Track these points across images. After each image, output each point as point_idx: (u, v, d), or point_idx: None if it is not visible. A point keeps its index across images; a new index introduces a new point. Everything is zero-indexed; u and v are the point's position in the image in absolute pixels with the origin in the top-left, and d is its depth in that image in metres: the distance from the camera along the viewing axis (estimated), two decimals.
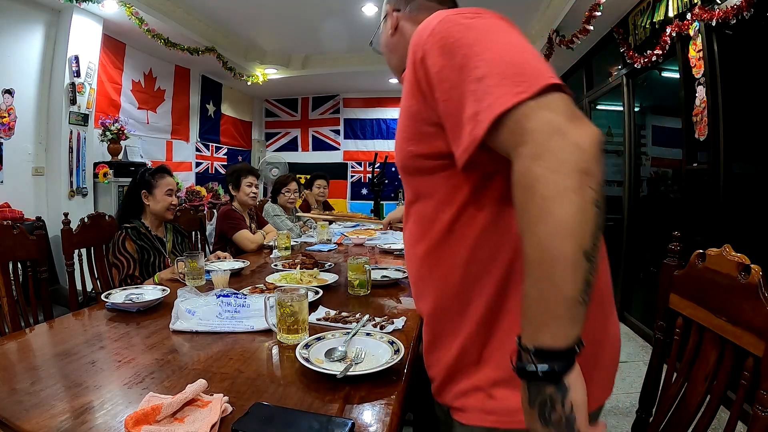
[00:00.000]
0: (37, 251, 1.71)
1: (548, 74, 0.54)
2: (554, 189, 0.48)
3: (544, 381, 0.51)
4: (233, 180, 2.72)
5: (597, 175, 0.50)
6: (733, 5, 2.13)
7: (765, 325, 0.74)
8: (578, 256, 0.48)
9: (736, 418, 0.82)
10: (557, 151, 0.49)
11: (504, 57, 0.56)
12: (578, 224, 0.48)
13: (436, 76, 0.62)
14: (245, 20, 4.62)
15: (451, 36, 0.61)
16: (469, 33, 0.60)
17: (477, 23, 0.61)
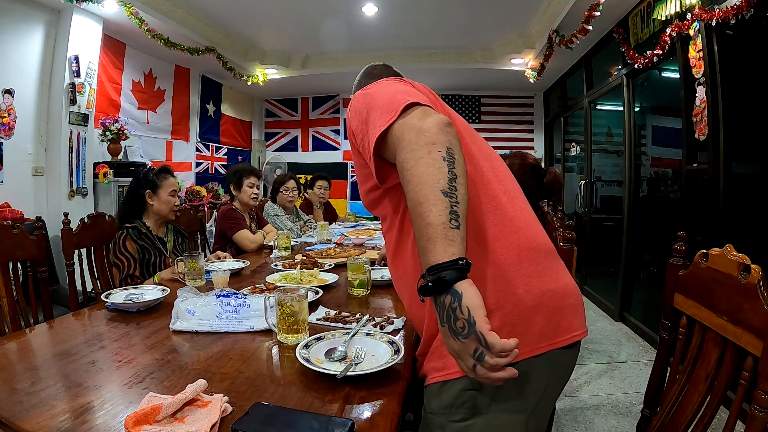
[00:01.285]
0: (37, 251, 1.71)
1: (408, 99, 0.75)
2: (412, 160, 0.69)
3: (438, 291, 0.64)
4: (235, 180, 2.71)
5: (442, 142, 0.69)
6: (733, 5, 2.13)
7: (763, 325, 0.74)
8: (437, 194, 0.65)
9: (736, 417, 0.82)
10: (410, 140, 0.70)
11: (382, 100, 0.79)
12: (431, 174, 0.66)
13: (357, 133, 0.86)
14: (245, 20, 4.62)
15: (359, 103, 0.87)
16: (366, 97, 0.85)
17: (371, 89, 0.87)
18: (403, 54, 5.56)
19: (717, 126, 2.39)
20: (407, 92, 0.79)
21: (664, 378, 1.08)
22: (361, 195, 0.98)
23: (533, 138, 6.78)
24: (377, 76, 1.13)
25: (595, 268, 4.46)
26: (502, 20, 4.55)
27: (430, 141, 0.68)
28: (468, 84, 6.32)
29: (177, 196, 2.03)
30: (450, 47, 5.41)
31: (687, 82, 2.63)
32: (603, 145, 4.47)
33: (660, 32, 2.88)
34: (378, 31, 4.81)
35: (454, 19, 4.51)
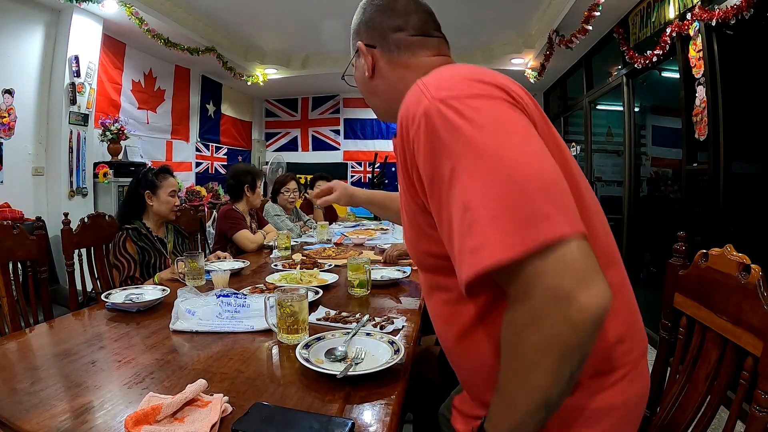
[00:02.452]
0: (37, 251, 1.71)
1: (551, 218, 0.47)
2: (536, 358, 0.49)
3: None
4: (249, 182, 2.71)
5: (585, 347, 0.48)
6: (733, 5, 2.13)
7: (763, 325, 0.74)
8: (538, 404, 0.51)
9: (735, 417, 0.82)
10: (552, 324, 0.47)
11: (494, 187, 0.49)
12: (546, 390, 0.50)
13: (427, 184, 0.58)
14: (245, 20, 4.62)
15: (439, 137, 0.54)
16: (458, 140, 0.52)
17: (466, 128, 0.52)
18: None
19: (717, 126, 2.39)
20: (541, 181, 0.49)
21: (664, 378, 1.08)
22: (414, 251, 0.74)
23: None
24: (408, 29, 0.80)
25: None
26: (502, 20, 4.55)
27: (574, 345, 0.47)
28: None
29: (177, 196, 2.02)
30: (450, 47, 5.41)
31: (687, 82, 2.63)
32: (603, 145, 4.48)
33: (660, 32, 2.88)
34: None
35: (454, 19, 4.51)
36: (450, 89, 0.57)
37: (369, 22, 0.83)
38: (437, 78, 0.61)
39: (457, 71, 0.63)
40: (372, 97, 0.89)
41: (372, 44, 0.83)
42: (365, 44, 0.83)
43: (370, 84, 0.85)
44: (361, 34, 0.85)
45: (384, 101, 0.86)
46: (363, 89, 0.90)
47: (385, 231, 3.18)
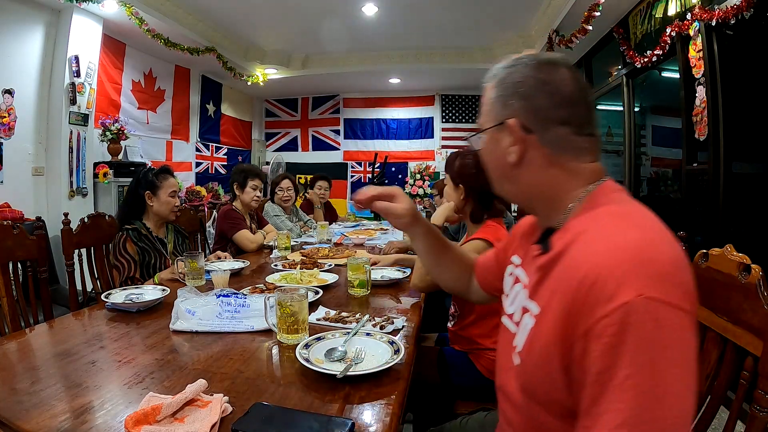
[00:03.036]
0: (37, 251, 1.71)
1: None
2: None
3: None
4: (240, 180, 2.71)
5: None
6: (733, 5, 2.13)
7: (763, 325, 0.74)
8: None
9: (736, 417, 0.82)
10: None
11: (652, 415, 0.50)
12: None
13: (591, 368, 0.53)
14: (245, 20, 4.62)
15: (628, 340, 0.50)
16: (645, 353, 0.50)
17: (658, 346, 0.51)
18: (403, 54, 5.56)
19: (717, 126, 2.39)
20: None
21: None
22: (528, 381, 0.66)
23: None
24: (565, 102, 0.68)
25: None
26: (502, 20, 4.55)
27: None
28: (468, 84, 6.32)
29: (177, 196, 2.02)
30: (450, 47, 5.41)
31: (687, 82, 2.63)
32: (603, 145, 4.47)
33: (660, 32, 2.88)
34: (378, 31, 4.81)
35: (454, 19, 4.51)
36: (663, 287, 0.52)
37: (530, 100, 0.68)
38: (646, 252, 0.54)
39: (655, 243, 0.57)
40: (506, 182, 0.75)
41: (528, 127, 0.68)
42: (519, 123, 0.68)
43: (510, 170, 0.72)
44: (515, 109, 0.69)
45: (521, 194, 0.74)
46: (496, 170, 0.75)
47: (385, 231, 3.19)
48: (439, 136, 6.97)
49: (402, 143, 7.07)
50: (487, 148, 0.75)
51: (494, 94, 0.72)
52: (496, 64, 0.75)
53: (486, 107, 0.74)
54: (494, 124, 0.71)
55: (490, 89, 0.73)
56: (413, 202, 1.27)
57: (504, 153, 0.70)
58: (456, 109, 6.93)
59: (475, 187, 1.52)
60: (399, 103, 7.04)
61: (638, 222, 0.60)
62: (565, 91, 0.68)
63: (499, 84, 0.72)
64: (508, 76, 0.71)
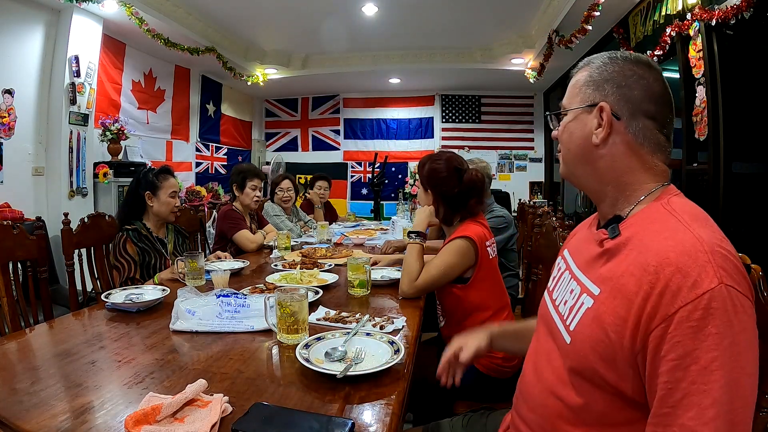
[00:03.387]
0: (37, 251, 1.71)
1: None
2: None
3: None
4: (238, 181, 2.70)
5: None
6: (733, 5, 2.13)
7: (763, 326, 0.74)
8: None
9: None
10: None
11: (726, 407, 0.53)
12: None
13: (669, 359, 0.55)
14: (245, 20, 4.62)
15: (711, 324, 0.53)
16: (723, 341, 0.53)
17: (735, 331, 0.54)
18: (403, 54, 5.56)
19: (717, 126, 2.39)
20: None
21: None
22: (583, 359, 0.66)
23: (533, 138, 6.78)
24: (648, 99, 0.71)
25: None
26: (502, 20, 4.55)
27: None
28: (468, 84, 6.32)
29: (177, 197, 2.01)
30: (450, 47, 5.41)
31: (687, 82, 2.63)
32: None
33: (660, 32, 2.88)
34: (378, 31, 4.81)
35: (454, 19, 4.51)
36: (736, 278, 0.57)
37: (624, 89, 0.72)
38: (718, 248, 0.58)
39: (723, 241, 0.61)
40: (581, 164, 0.76)
41: (617, 113, 0.71)
42: (611, 106, 0.71)
43: (591, 151, 0.74)
44: (607, 94, 0.72)
45: (594, 177, 0.75)
46: (575, 150, 0.77)
47: (385, 231, 3.19)
48: (439, 136, 6.97)
49: (402, 143, 7.07)
50: (569, 128, 0.77)
51: (587, 78, 0.76)
52: (592, 56, 0.79)
53: (574, 89, 0.78)
54: (584, 105, 0.75)
55: (583, 74, 0.77)
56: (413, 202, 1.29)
57: (589, 133, 0.74)
58: (456, 109, 6.93)
59: (444, 191, 1.52)
60: (399, 103, 7.04)
61: (708, 222, 0.65)
62: (657, 89, 0.72)
63: (595, 70, 0.76)
64: (606, 65, 0.75)
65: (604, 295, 0.65)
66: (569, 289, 0.75)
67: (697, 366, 0.53)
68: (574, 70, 0.81)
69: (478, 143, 6.83)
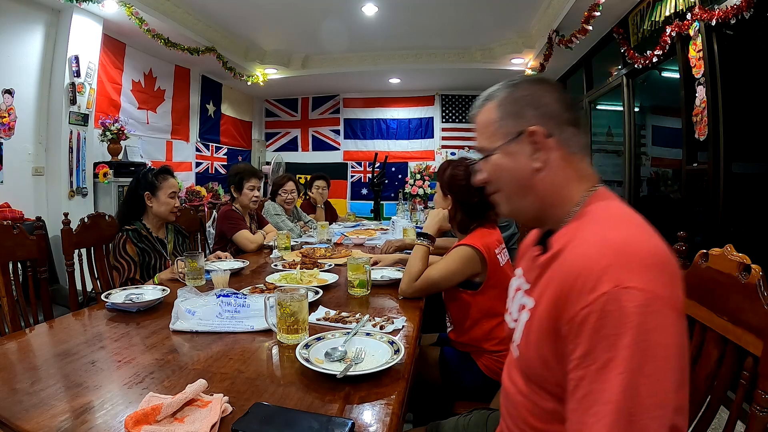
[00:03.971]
0: (37, 251, 1.71)
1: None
2: None
3: None
4: (236, 182, 2.71)
5: None
6: (733, 5, 2.13)
7: (764, 325, 0.74)
8: None
9: (736, 417, 0.82)
10: None
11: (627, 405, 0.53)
12: None
13: (574, 359, 0.58)
14: (245, 20, 4.62)
15: (606, 327, 0.55)
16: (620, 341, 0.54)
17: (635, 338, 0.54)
18: (403, 54, 5.56)
19: (717, 126, 2.39)
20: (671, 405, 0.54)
21: None
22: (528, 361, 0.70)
23: None
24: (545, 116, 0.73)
25: None
26: (502, 20, 4.55)
27: None
28: (468, 84, 6.32)
29: (177, 197, 2.01)
30: (450, 47, 5.41)
31: (687, 82, 2.63)
32: (603, 145, 4.47)
33: (660, 32, 2.87)
34: (378, 31, 4.81)
35: (454, 19, 4.51)
36: (641, 277, 0.56)
37: (543, 107, 0.73)
38: (628, 248, 0.59)
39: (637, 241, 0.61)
40: (525, 195, 0.75)
41: (550, 132, 0.71)
42: (543, 131, 0.71)
43: (533, 179, 0.73)
44: (530, 118, 0.72)
45: (538, 202, 0.74)
46: (514, 184, 0.75)
47: (385, 231, 3.19)
48: (439, 136, 6.97)
49: (402, 143, 7.07)
50: (501, 166, 0.75)
51: (500, 111, 0.75)
52: (486, 91, 0.79)
53: (491, 128, 0.76)
54: (511, 138, 0.73)
55: (492, 110, 0.76)
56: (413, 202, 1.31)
57: (527, 163, 0.73)
58: (456, 109, 6.93)
59: (463, 199, 1.52)
60: (399, 103, 7.03)
61: (625, 221, 0.66)
62: (565, 98, 0.75)
63: (503, 102, 0.75)
64: (512, 92, 0.75)
65: (535, 308, 0.69)
66: (517, 306, 0.78)
67: (595, 366, 0.55)
68: (473, 112, 0.80)
69: None
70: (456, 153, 6.70)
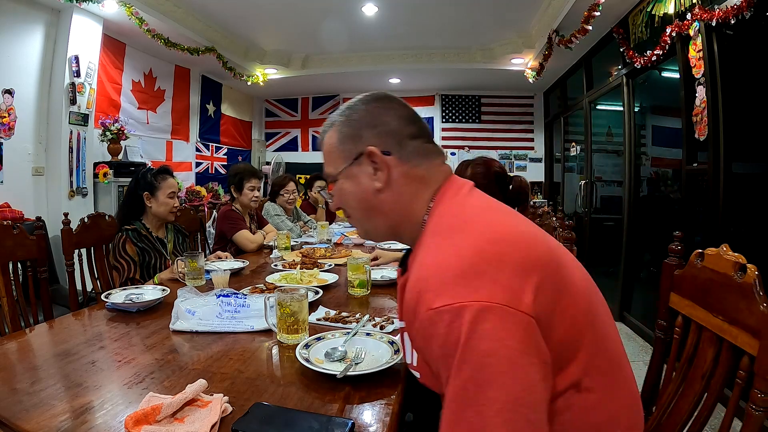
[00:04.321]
0: (37, 251, 1.71)
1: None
2: None
3: None
4: (235, 182, 2.71)
5: None
6: (733, 5, 2.13)
7: (759, 325, 0.74)
8: None
9: (732, 416, 0.82)
10: None
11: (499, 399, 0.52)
12: None
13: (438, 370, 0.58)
14: (245, 20, 4.62)
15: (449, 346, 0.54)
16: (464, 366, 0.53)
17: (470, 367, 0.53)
18: (403, 54, 5.56)
19: (717, 126, 2.39)
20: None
21: (659, 377, 1.08)
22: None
23: (533, 138, 6.78)
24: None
25: (595, 267, 4.46)
26: (502, 20, 4.55)
27: None
28: (468, 84, 6.32)
29: (176, 197, 2.00)
30: (450, 47, 5.41)
31: (687, 82, 2.63)
32: (603, 145, 4.48)
33: (660, 32, 2.87)
34: (378, 31, 4.81)
35: (454, 19, 4.51)
36: (442, 297, 0.56)
37: (380, 126, 0.73)
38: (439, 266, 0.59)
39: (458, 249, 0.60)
40: (373, 215, 0.75)
41: (386, 150, 0.71)
42: (379, 150, 0.71)
43: (375, 199, 0.73)
44: (367, 138, 0.72)
45: (388, 221, 0.75)
46: (360, 206, 0.75)
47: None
48: (439, 136, 6.96)
49: None
50: (345, 189, 0.75)
51: (338, 137, 0.75)
52: (329, 118, 0.79)
53: (332, 153, 0.76)
54: (351, 161, 0.73)
55: (332, 135, 0.76)
56: None
57: (368, 183, 0.73)
58: (456, 109, 6.93)
59: None
60: None
61: (446, 236, 0.65)
62: (406, 112, 0.76)
63: (341, 126, 0.75)
64: (349, 116, 0.75)
65: (407, 329, 0.69)
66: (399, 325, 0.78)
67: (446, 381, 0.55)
68: (319, 140, 0.81)
69: (478, 143, 6.83)
70: (456, 153, 6.70)
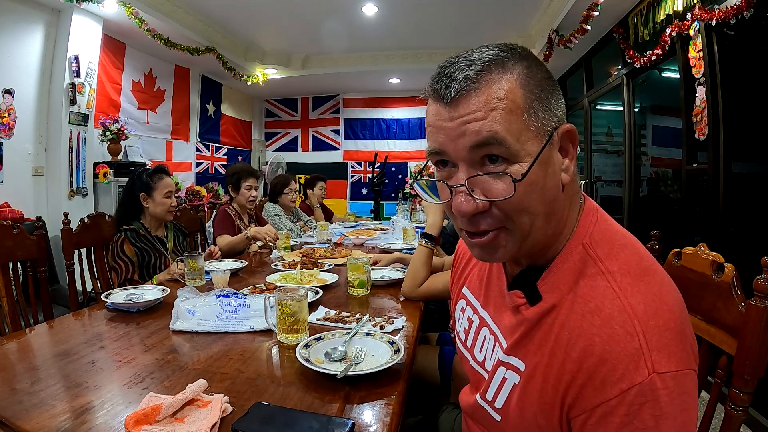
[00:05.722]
0: (37, 251, 1.71)
1: None
2: None
3: None
4: (233, 182, 2.70)
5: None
6: (733, 5, 2.13)
7: (737, 324, 0.74)
8: None
9: (711, 416, 0.82)
10: None
11: None
12: None
13: None
14: (245, 20, 4.62)
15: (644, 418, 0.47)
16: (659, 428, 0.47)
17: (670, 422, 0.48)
18: (403, 54, 5.56)
19: (717, 126, 2.39)
20: None
21: None
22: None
23: None
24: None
25: None
26: (502, 20, 4.55)
27: None
28: None
29: (174, 196, 1.99)
30: (450, 47, 5.40)
31: (687, 82, 2.63)
32: (603, 145, 4.48)
33: (660, 32, 2.87)
34: (378, 31, 4.81)
35: (454, 19, 4.51)
36: (674, 355, 0.49)
37: (559, 96, 0.54)
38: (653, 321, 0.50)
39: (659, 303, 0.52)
40: (548, 221, 0.55)
41: (557, 124, 0.53)
42: (562, 129, 0.53)
43: (558, 197, 0.55)
44: (555, 109, 0.53)
45: (550, 232, 0.57)
46: (546, 209, 0.54)
47: (384, 231, 3.18)
48: None
49: (402, 143, 7.07)
50: (536, 185, 0.52)
51: (526, 96, 0.51)
52: (481, 52, 0.57)
53: (513, 121, 0.50)
54: (546, 139, 0.51)
55: (515, 90, 0.51)
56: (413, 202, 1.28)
57: (557, 175, 0.54)
58: None
59: None
60: (399, 103, 7.03)
61: (642, 270, 0.55)
62: (558, 90, 0.57)
63: (526, 80, 0.51)
64: (532, 68, 0.53)
65: (529, 374, 0.57)
66: (495, 357, 0.65)
67: None
68: (464, 85, 0.55)
69: None
70: None
